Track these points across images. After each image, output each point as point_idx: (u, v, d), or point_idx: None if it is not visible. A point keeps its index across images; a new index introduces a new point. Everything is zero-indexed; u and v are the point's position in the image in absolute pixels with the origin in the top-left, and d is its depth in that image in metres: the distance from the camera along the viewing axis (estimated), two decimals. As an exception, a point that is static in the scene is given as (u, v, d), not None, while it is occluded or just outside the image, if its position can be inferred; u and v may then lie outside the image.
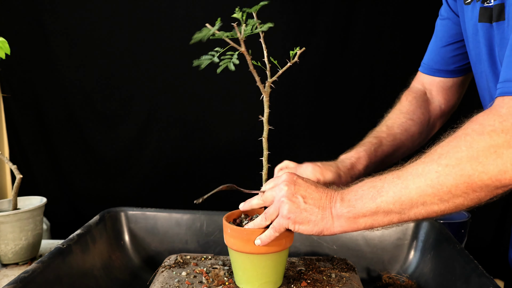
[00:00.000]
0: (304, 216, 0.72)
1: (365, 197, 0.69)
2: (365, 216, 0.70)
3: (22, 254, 1.11)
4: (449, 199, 0.63)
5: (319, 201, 0.73)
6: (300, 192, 0.73)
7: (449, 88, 1.06)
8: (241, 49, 0.71)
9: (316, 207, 0.72)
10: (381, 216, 0.69)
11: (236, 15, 0.69)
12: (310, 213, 0.72)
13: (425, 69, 1.08)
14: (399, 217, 0.68)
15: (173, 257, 0.94)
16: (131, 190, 2.09)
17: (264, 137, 0.78)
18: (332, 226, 0.72)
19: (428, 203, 0.65)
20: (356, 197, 0.71)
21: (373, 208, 0.68)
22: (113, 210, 1.10)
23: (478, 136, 0.61)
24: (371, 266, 1.06)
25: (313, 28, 1.91)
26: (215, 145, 2.04)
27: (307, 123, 2.00)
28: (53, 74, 1.99)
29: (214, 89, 1.98)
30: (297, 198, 0.72)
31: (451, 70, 1.04)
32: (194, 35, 0.68)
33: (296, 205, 0.72)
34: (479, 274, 0.78)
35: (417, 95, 1.07)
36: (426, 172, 0.64)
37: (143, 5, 1.92)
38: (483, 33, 0.81)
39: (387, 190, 0.68)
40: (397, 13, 1.89)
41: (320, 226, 0.72)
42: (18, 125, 2.04)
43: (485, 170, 0.60)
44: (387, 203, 0.67)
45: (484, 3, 0.80)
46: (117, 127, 2.05)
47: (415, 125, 1.03)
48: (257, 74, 0.73)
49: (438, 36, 1.04)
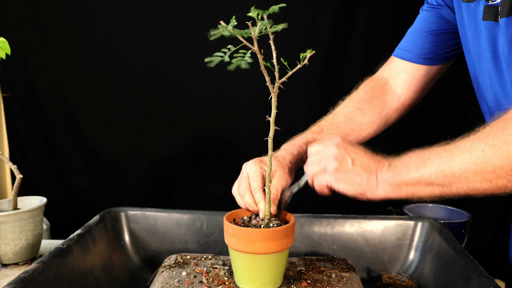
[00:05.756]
0: (349, 177, 0.74)
1: (411, 166, 0.71)
2: (407, 184, 0.71)
3: (22, 254, 1.11)
4: (492, 179, 0.64)
5: (367, 164, 0.75)
6: (350, 155, 0.75)
7: (419, 77, 1.04)
8: (253, 48, 0.71)
9: (363, 169, 0.74)
10: (423, 186, 0.70)
11: (252, 14, 0.70)
12: (356, 174, 0.74)
13: (401, 54, 1.05)
14: (441, 190, 0.70)
15: (173, 257, 0.94)
16: (131, 190, 2.09)
17: (270, 137, 0.78)
18: (376, 190, 0.74)
19: (470, 180, 0.66)
20: (403, 164, 0.72)
21: (416, 177, 0.70)
22: (113, 210, 1.10)
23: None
24: (371, 266, 1.06)
25: (313, 28, 1.91)
26: (215, 145, 2.04)
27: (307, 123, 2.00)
28: (53, 74, 1.99)
29: (215, 89, 1.98)
30: (346, 159, 0.75)
31: (428, 58, 1.02)
32: (211, 31, 0.68)
33: (344, 165, 0.74)
34: (479, 274, 0.78)
35: (376, 84, 1.06)
36: (472, 149, 0.65)
37: (143, 5, 1.92)
38: (486, 31, 0.81)
39: (432, 161, 0.69)
40: (397, 13, 1.89)
41: (364, 187, 0.74)
42: (18, 125, 2.04)
43: None
44: (430, 174, 0.69)
45: (489, 1, 0.79)
46: (117, 127, 2.05)
47: (363, 114, 1.02)
48: (267, 74, 0.73)
49: (421, 23, 1.02)
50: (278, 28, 0.70)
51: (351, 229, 1.08)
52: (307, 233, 1.08)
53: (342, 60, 1.94)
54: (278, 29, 0.70)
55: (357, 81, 1.98)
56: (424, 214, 1.42)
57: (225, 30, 0.68)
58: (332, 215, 1.10)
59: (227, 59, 0.71)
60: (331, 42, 1.92)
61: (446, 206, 1.45)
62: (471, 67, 0.91)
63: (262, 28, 0.70)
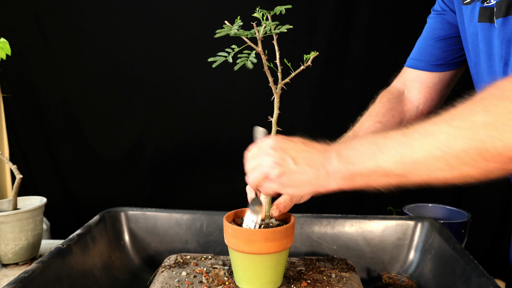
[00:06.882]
0: (295, 179, 0.67)
1: (365, 154, 0.64)
2: (362, 175, 0.64)
3: (22, 254, 1.11)
4: (456, 165, 0.58)
5: (311, 159, 0.67)
6: (290, 154, 0.68)
7: (433, 85, 1.04)
8: (257, 48, 0.71)
9: (307, 166, 0.67)
10: (379, 176, 0.63)
11: (257, 14, 0.70)
12: (302, 173, 0.67)
13: (412, 63, 1.05)
14: (398, 180, 0.63)
15: (173, 257, 0.94)
16: (131, 190, 2.09)
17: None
18: (328, 184, 0.67)
19: (432, 168, 0.59)
20: (356, 153, 0.65)
21: (372, 167, 0.63)
22: (113, 210, 1.10)
23: (497, 100, 0.55)
24: (371, 266, 1.06)
25: (313, 28, 1.91)
26: (216, 145, 2.04)
27: (307, 123, 2.00)
28: (53, 74, 1.99)
29: (215, 89, 1.98)
30: (287, 161, 0.67)
31: (438, 65, 1.02)
32: (217, 31, 0.68)
33: (287, 168, 0.67)
34: (479, 274, 0.78)
35: (392, 95, 1.05)
36: (435, 132, 0.59)
37: (143, 5, 1.92)
38: (482, 33, 0.81)
39: (389, 147, 0.62)
40: (397, 13, 1.89)
41: (314, 185, 0.68)
42: (18, 125, 2.04)
43: (501, 137, 0.54)
44: (388, 163, 0.62)
45: (484, 3, 0.79)
46: (117, 127, 2.05)
47: (384, 127, 0.99)
48: (270, 75, 0.73)
49: (429, 31, 1.03)
50: (282, 29, 0.70)
51: (351, 229, 1.08)
52: (307, 233, 1.08)
53: (342, 60, 1.94)
54: (283, 30, 0.70)
55: (357, 81, 1.99)
56: (424, 214, 1.43)
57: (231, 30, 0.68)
58: (332, 215, 1.10)
59: (230, 60, 0.71)
60: (331, 42, 1.92)
61: (446, 206, 1.45)
62: (472, 70, 0.92)
63: (267, 28, 0.70)
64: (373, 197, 2.03)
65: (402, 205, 1.46)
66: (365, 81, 1.95)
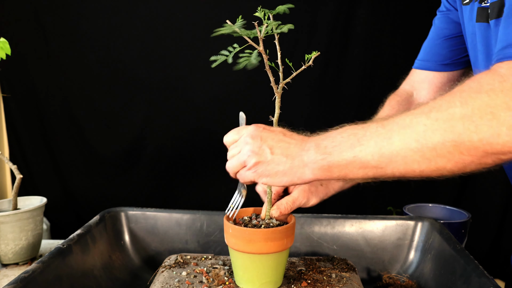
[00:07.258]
0: (271, 168, 0.68)
1: (344, 145, 0.64)
2: (339, 166, 0.64)
3: (22, 254, 1.11)
4: (432, 157, 0.58)
5: (288, 149, 0.68)
6: (268, 143, 0.68)
7: (442, 85, 1.04)
8: (259, 48, 0.71)
9: (284, 156, 0.67)
10: (356, 167, 0.63)
11: (258, 14, 0.70)
12: (277, 163, 0.67)
13: (420, 64, 1.06)
14: (375, 172, 0.63)
15: (173, 257, 0.94)
16: (131, 190, 2.09)
17: None
18: (303, 174, 0.67)
19: (409, 160, 0.59)
20: (334, 144, 0.65)
21: (350, 158, 0.63)
22: (113, 210, 1.10)
23: (475, 94, 0.55)
24: (371, 266, 1.06)
25: (313, 28, 1.91)
26: (216, 145, 2.04)
27: (307, 123, 2.00)
28: (53, 74, 1.99)
29: (215, 88, 1.98)
30: (264, 150, 0.68)
31: (446, 64, 1.02)
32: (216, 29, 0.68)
33: (263, 157, 0.68)
34: (479, 274, 0.78)
35: (401, 98, 1.05)
36: (413, 124, 0.59)
37: (143, 5, 1.92)
38: (480, 33, 0.82)
39: (369, 139, 0.62)
40: (397, 13, 1.89)
41: (289, 176, 0.67)
42: (18, 125, 2.04)
43: (477, 131, 0.54)
44: (366, 154, 0.62)
45: (482, 3, 0.80)
46: (117, 127, 2.05)
47: None
48: (272, 74, 0.73)
49: (435, 31, 1.04)
50: (284, 28, 0.70)
51: (351, 229, 1.08)
52: (307, 233, 1.08)
53: (342, 60, 1.94)
54: (285, 29, 0.70)
55: (357, 81, 1.99)
56: (424, 214, 1.42)
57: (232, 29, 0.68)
58: (332, 215, 1.10)
59: (230, 60, 0.71)
60: (330, 42, 1.92)
61: (446, 206, 1.45)
62: (473, 69, 0.92)
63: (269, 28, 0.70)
64: (373, 197, 2.03)
65: (402, 205, 1.46)
66: (365, 81, 1.95)
